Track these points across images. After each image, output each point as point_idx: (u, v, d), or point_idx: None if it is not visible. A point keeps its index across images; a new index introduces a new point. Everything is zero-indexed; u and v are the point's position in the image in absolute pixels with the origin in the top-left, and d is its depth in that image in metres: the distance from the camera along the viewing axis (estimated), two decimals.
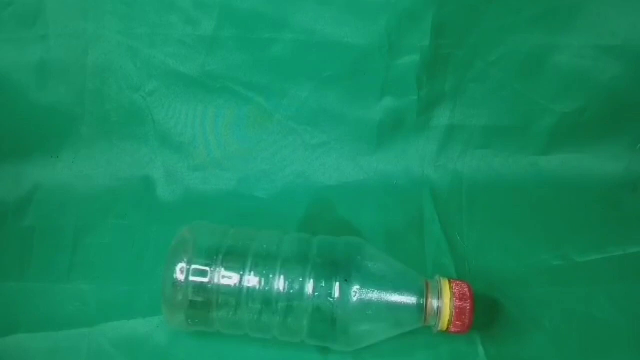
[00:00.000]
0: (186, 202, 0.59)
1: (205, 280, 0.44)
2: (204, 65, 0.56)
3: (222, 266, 0.44)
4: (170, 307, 0.44)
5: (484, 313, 0.46)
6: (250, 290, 0.43)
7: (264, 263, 0.44)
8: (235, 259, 0.44)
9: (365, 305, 0.43)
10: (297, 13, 0.53)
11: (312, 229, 0.51)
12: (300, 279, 0.43)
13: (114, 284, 0.52)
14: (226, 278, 0.44)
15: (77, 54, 0.56)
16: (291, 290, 0.43)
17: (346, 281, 0.43)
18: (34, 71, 0.56)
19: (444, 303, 0.43)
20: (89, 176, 0.60)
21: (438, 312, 0.43)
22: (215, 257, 0.44)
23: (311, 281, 0.43)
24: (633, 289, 0.51)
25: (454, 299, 0.43)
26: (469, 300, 0.43)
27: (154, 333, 0.48)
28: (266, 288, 0.43)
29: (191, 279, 0.43)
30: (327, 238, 0.47)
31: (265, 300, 0.43)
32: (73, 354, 0.47)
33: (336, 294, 0.43)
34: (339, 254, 0.45)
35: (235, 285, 0.44)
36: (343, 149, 0.61)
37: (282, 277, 0.43)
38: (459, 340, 0.46)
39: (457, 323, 0.43)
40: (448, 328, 0.43)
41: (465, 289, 0.44)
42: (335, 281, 0.43)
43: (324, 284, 0.43)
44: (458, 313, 0.43)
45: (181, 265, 0.44)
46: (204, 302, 0.44)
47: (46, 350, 0.47)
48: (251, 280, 0.44)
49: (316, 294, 0.43)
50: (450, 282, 0.45)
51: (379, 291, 0.43)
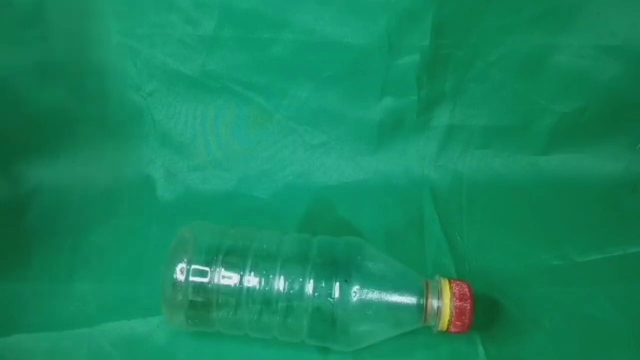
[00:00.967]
0: (186, 202, 0.59)
1: (205, 280, 0.44)
2: (204, 65, 0.56)
3: (222, 266, 0.44)
4: (170, 307, 0.44)
5: (484, 313, 0.46)
6: (250, 291, 0.43)
7: (264, 263, 0.44)
8: (235, 259, 0.44)
9: (365, 305, 0.43)
10: (297, 13, 0.53)
11: (312, 229, 0.51)
12: (300, 279, 0.43)
13: (114, 284, 0.52)
14: (226, 278, 0.44)
15: (77, 54, 0.56)
16: (291, 291, 0.43)
17: (346, 281, 0.43)
18: (34, 71, 0.56)
19: (444, 303, 0.43)
20: (89, 176, 0.60)
21: (438, 312, 0.43)
22: (215, 257, 0.44)
23: (311, 281, 0.43)
24: (633, 289, 0.51)
25: (454, 299, 0.43)
26: (469, 301, 0.43)
27: (154, 333, 0.48)
28: (266, 288, 0.43)
29: (191, 279, 0.43)
30: (327, 238, 0.47)
31: (265, 300, 0.43)
32: (73, 354, 0.47)
33: (336, 294, 0.43)
34: (339, 254, 0.45)
35: (235, 285, 0.44)
36: (343, 149, 0.61)
37: (282, 277, 0.43)
38: (459, 340, 0.46)
39: (457, 323, 0.43)
40: (448, 328, 0.43)
41: (465, 289, 0.44)
42: (335, 281, 0.43)
43: (324, 284, 0.43)
44: (458, 313, 0.43)
45: (181, 265, 0.44)
46: (203, 302, 0.44)
47: (46, 350, 0.47)
48: (251, 281, 0.44)
49: (316, 294, 0.43)
50: (450, 282, 0.45)
51: (379, 291, 0.43)
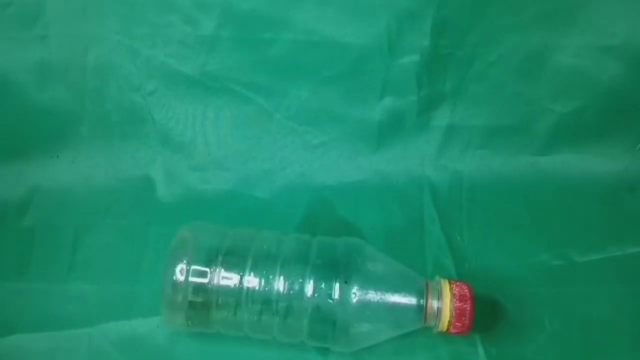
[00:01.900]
0: (186, 202, 0.59)
1: (205, 280, 0.44)
2: (204, 65, 0.56)
3: (222, 267, 0.44)
4: (170, 308, 0.44)
5: (484, 313, 0.46)
6: (250, 291, 0.43)
7: (263, 264, 0.44)
8: (235, 259, 0.44)
9: (365, 306, 0.43)
10: (297, 13, 0.53)
11: (312, 229, 0.51)
12: (300, 280, 0.43)
13: (114, 284, 0.52)
14: (226, 279, 0.44)
15: (77, 54, 0.56)
16: (291, 291, 0.43)
17: (346, 282, 0.43)
18: (34, 71, 0.56)
19: (444, 304, 0.43)
20: (89, 176, 0.60)
21: (438, 313, 0.43)
22: (215, 258, 0.44)
23: (311, 282, 0.43)
24: (633, 289, 0.51)
25: (454, 300, 0.43)
26: (469, 301, 0.43)
27: (154, 333, 0.48)
28: (266, 289, 0.43)
29: (191, 279, 0.43)
30: (327, 239, 0.47)
31: (265, 301, 0.43)
32: (73, 354, 0.47)
33: (336, 295, 0.43)
34: (338, 255, 0.45)
35: (235, 285, 0.44)
36: (343, 148, 0.61)
37: (282, 278, 0.43)
38: (459, 341, 0.46)
39: (457, 324, 0.43)
40: (448, 329, 0.43)
41: (466, 290, 0.44)
42: (335, 282, 0.43)
43: (323, 285, 0.43)
44: (458, 314, 0.43)
45: (181, 265, 0.44)
46: (203, 303, 0.44)
47: (46, 350, 0.47)
48: (251, 281, 0.44)
49: (316, 294, 0.43)
50: (450, 283, 0.45)
51: (379, 292, 0.43)
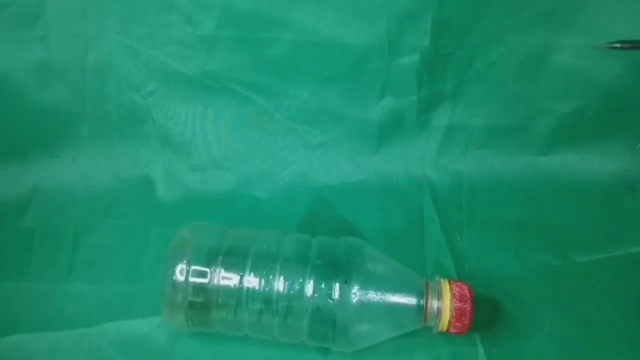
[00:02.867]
0: (186, 202, 0.59)
1: (205, 281, 0.44)
2: (204, 65, 0.56)
3: (222, 267, 0.44)
4: (170, 308, 0.44)
5: (484, 313, 0.46)
6: (250, 291, 0.43)
7: (263, 264, 0.44)
8: (235, 259, 0.44)
9: (365, 306, 0.43)
10: (297, 13, 0.53)
11: (312, 229, 0.51)
12: (300, 280, 0.43)
13: (114, 284, 0.52)
14: (226, 279, 0.44)
15: (77, 54, 0.56)
16: (291, 291, 0.43)
17: (346, 282, 0.43)
18: (33, 71, 0.56)
19: (444, 304, 0.43)
20: (89, 176, 0.60)
21: (438, 313, 0.43)
22: (215, 258, 0.44)
23: (311, 282, 0.43)
24: (633, 289, 0.51)
25: (454, 300, 0.43)
26: (469, 302, 0.43)
27: (154, 333, 0.48)
28: (266, 289, 0.43)
29: (191, 279, 0.43)
30: (327, 239, 0.47)
31: (265, 301, 0.43)
32: (73, 354, 0.47)
33: (336, 295, 0.43)
34: (338, 255, 0.45)
35: (235, 286, 0.44)
36: (343, 149, 0.61)
37: (282, 278, 0.43)
38: (459, 341, 0.46)
39: (457, 324, 0.43)
40: (448, 329, 0.44)
41: (466, 290, 0.44)
42: (335, 282, 0.43)
43: (323, 285, 0.43)
44: (458, 314, 0.43)
45: (181, 266, 0.44)
46: (203, 303, 0.44)
47: (46, 350, 0.48)
48: (251, 281, 0.44)
49: (316, 295, 0.43)
50: (450, 283, 0.45)
51: (379, 292, 0.43)
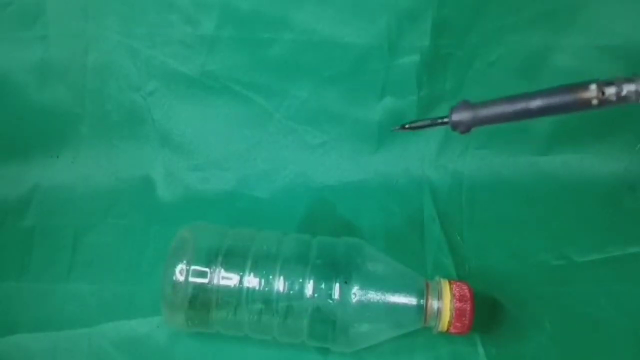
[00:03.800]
0: (186, 202, 0.59)
1: (205, 281, 0.44)
2: (204, 65, 0.56)
3: (222, 267, 0.44)
4: (170, 308, 0.44)
5: (484, 313, 0.46)
6: (250, 291, 0.43)
7: (263, 264, 0.44)
8: (235, 259, 0.44)
9: (365, 306, 0.43)
10: (297, 13, 0.53)
11: (312, 229, 0.51)
12: (300, 280, 0.43)
13: (114, 284, 0.52)
14: (226, 279, 0.44)
15: (77, 54, 0.56)
16: (291, 291, 0.43)
17: (346, 282, 0.43)
18: (34, 71, 0.56)
19: (444, 304, 0.43)
20: (89, 176, 0.60)
21: (438, 313, 0.43)
22: (215, 258, 0.44)
23: (311, 282, 0.43)
24: (633, 289, 0.51)
25: (454, 300, 0.43)
26: (469, 302, 0.43)
27: (154, 333, 0.48)
28: (266, 289, 0.43)
29: (191, 279, 0.43)
30: (327, 239, 0.47)
31: (265, 301, 0.43)
32: (73, 354, 0.47)
33: (336, 295, 0.43)
34: (338, 255, 0.45)
35: (235, 286, 0.44)
36: (343, 148, 0.61)
37: (282, 278, 0.43)
38: (458, 341, 0.46)
39: (457, 324, 0.43)
40: (448, 329, 0.44)
41: (466, 290, 0.44)
42: (335, 282, 0.43)
43: (323, 285, 0.43)
44: (458, 314, 0.43)
45: (181, 266, 0.44)
46: (203, 303, 0.44)
47: (46, 350, 0.48)
48: (251, 281, 0.44)
49: (316, 295, 0.43)
50: (450, 283, 0.45)
51: (379, 292, 0.43)
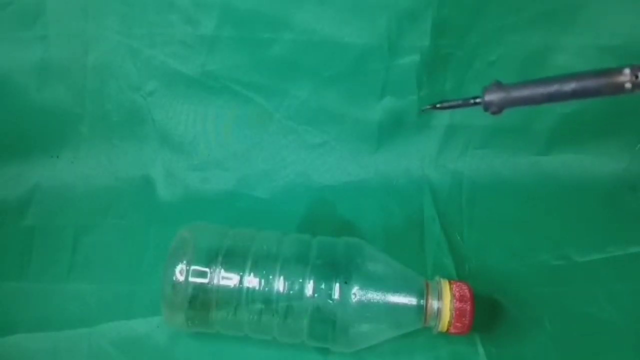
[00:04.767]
0: (186, 202, 0.59)
1: (205, 281, 0.44)
2: (204, 65, 0.56)
3: (222, 267, 0.44)
4: (170, 308, 0.44)
5: (484, 313, 0.46)
6: (250, 291, 0.43)
7: (263, 264, 0.44)
8: (235, 259, 0.44)
9: (365, 306, 0.43)
10: (297, 13, 0.53)
11: (312, 229, 0.51)
12: (300, 280, 0.43)
13: (114, 284, 0.52)
14: (226, 279, 0.44)
15: (77, 54, 0.56)
16: (291, 291, 0.43)
17: (346, 282, 0.43)
18: (34, 71, 0.56)
19: (444, 304, 0.43)
20: (89, 176, 0.60)
21: (438, 314, 0.43)
22: (215, 258, 0.44)
23: (311, 282, 0.43)
24: (633, 289, 0.51)
25: (454, 300, 0.43)
26: (469, 302, 0.43)
27: (154, 333, 0.48)
28: (266, 289, 0.43)
29: (191, 279, 0.43)
30: (327, 239, 0.47)
31: (265, 301, 0.43)
32: (73, 354, 0.47)
33: (336, 295, 0.43)
34: (338, 255, 0.45)
35: (235, 286, 0.44)
36: (343, 148, 0.61)
37: (282, 278, 0.43)
38: (459, 341, 0.46)
39: (457, 324, 0.43)
40: (448, 329, 0.43)
41: (466, 290, 0.44)
42: (335, 282, 0.43)
43: (323, 285, 0.43)
44: (458, 314, 0.43)
45: (181, 266, 0.44)
46: (203, 303, 0.44)
47: (46, 350, 0.48)
48: (251, 281, 0.44)
49: (316, 295, 0.43)
50: (450, 284, 0.45)
51: (379, 292, 0.43)
